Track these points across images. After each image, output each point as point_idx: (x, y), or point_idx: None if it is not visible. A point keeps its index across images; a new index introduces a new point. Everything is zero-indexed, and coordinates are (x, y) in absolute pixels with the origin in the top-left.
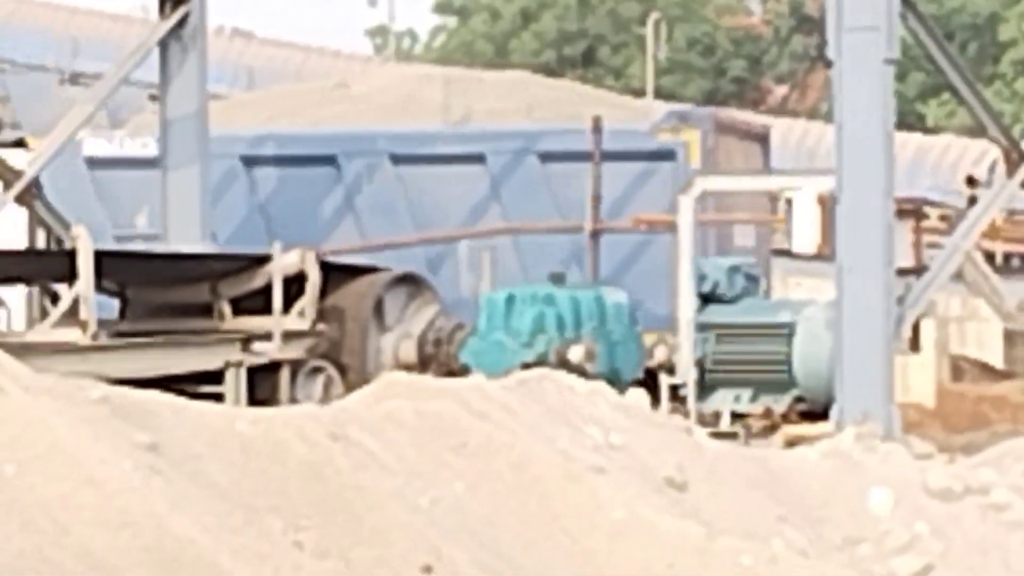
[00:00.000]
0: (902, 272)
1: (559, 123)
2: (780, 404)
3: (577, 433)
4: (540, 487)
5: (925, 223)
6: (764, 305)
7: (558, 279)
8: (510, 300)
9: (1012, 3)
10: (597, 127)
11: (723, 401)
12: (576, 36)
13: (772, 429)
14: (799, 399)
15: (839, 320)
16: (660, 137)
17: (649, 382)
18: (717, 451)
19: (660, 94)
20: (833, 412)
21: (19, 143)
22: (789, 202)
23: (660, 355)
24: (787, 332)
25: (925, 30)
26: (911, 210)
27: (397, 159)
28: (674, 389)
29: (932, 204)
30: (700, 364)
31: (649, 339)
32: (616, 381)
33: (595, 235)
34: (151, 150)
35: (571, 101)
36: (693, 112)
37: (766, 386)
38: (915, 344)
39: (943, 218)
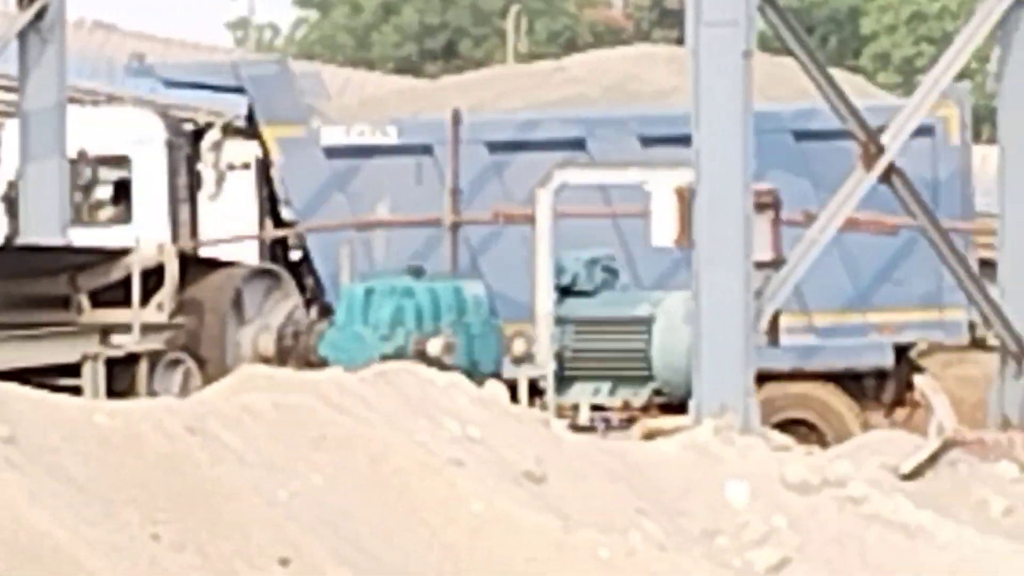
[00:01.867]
0: (761, 265)
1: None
2: (639, 397)
3: (436, 426)
4: (398, 480)
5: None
6: (623, 298)
7: (416, 272)
8: (369, 293)
9: None
10: (456, 119)
11: (582, 394)
12: (437, 29)
13: (631, 422)
14: (658, 392)
15: (697, 313)
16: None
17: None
18: (576, 444)
19: None
20: (691, 405)
21: None
22: (648, 194)
23: (519, 348)
24: (646, 325)
25: (784, 24)
26: (769, 203)
27: (646, 141)
28: (533, 382)
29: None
30: (559, 357)
31: (509, 331)
32: (475, 374)
33: (454, 227)
34: (391, 138)
35: (785, 79)
36: (953, 88)
37: (625, 379)
38: (774, 337)
39: (806, 213)
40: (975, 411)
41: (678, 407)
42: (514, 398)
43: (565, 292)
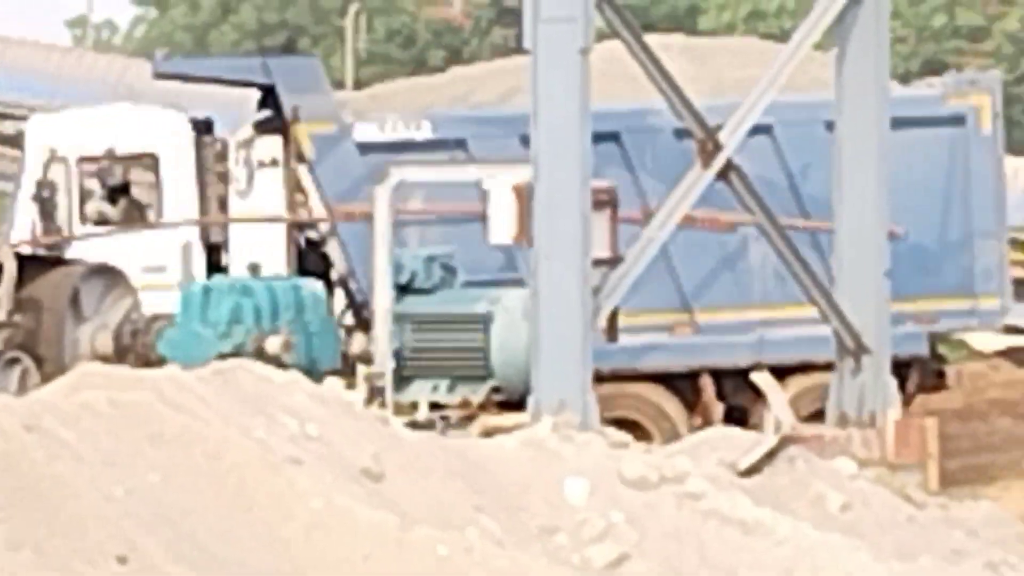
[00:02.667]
0: (598, 262)
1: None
2: (478, 394)
3: (273, 423)
4: (236, 477)
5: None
6: (462, 295)
7: (254, 269)
8: (207, 291)
9: None
10: (296, 113)
11: (420, 391)
12: (276, 27)
13: (470, 419)
14: (496, 389)
15: (535, 310)
16: (950, 102)
17: (348, 371)
18: (414, 441)
19: (360, 85)
20: (530, 402)
21: None
22: (486, 192)
23: (357, 345)
24: (484, 322)
25: (622, 21)
26: (607, 200)
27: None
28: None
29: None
30: (398, 355)
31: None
32: (313, 371)
33: (296, 228)
34: (425, 132)
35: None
36: (985, 76)
37: (463, 376)
38: (612, 334)
39: (644, 211)
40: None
41: (517, 404)
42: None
43: (403, 290)
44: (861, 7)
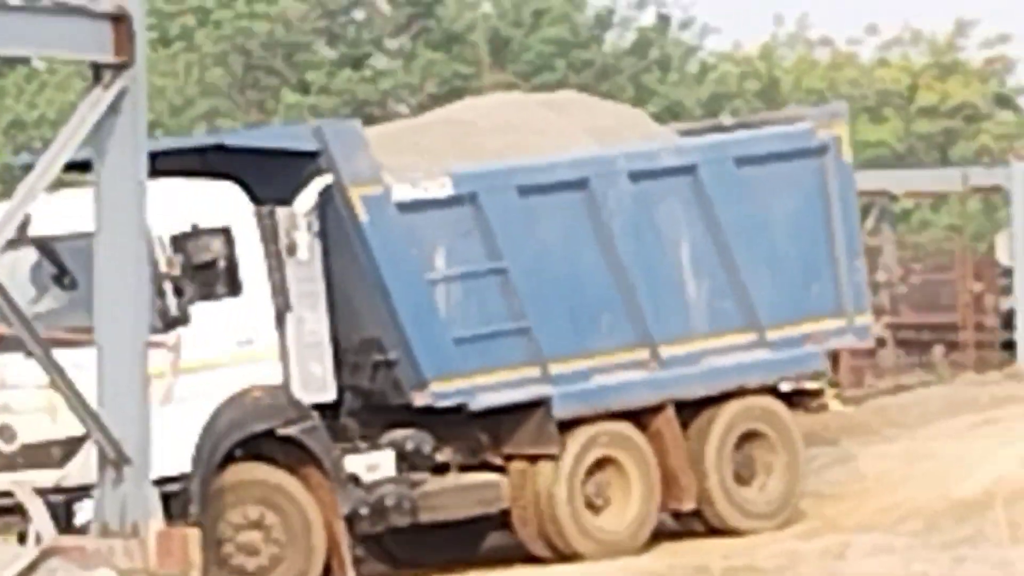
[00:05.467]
0: None
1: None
2: None
3: None
4: None
5: None
6: None
7: None
8: None
9: None
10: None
11: None
12: None
13: None
14: None
15: None
16: (819, 134)
17: None
18: None
19: None
20: None
21: None
22: None
23: None
24: None
25: None
26: None
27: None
28: None
29: None
30: None
31: None
32: None
33: None
34: (448, 189)
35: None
36: (839, 107)
37: None
38: None
39: None
40: None
41: None
42: None
43: None
44: (119, 116)
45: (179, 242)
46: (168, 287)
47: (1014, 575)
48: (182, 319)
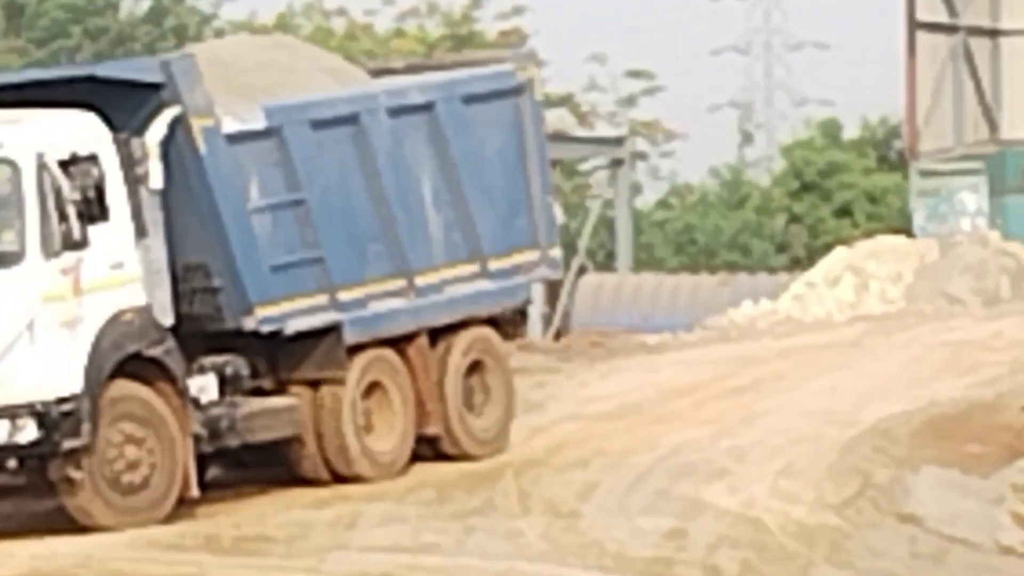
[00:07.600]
0: None
1: None
2: None
3: None
4: None
5: None
6: None
7: None
8: None
9: None
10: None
11: None
12: None
13: None
14: None
15: None
16: (518, 75)
17: None
18: None
19: None
20: None
21: None
22: None
23: None
24: None
25: None
26: None
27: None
28: None
29: None
30: None
31: None
32: None
33: None
34: (262, 122)
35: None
36: (527, 52)
37: None
38: None
39: None
40: None
41: None
42: None
43: None
44: None
45: (66, 167)
46: (71, 211)
47: (523, 545)
48: (83, 242)
